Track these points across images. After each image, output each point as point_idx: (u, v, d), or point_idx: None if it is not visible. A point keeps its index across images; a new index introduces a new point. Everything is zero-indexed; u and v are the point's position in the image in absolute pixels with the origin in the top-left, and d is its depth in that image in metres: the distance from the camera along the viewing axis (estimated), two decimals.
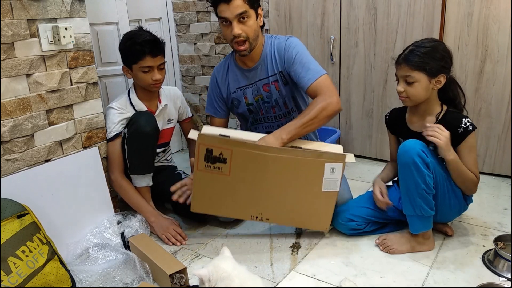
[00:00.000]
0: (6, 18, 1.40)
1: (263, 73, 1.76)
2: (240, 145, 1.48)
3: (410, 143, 1.47)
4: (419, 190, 1.46)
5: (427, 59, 1.45)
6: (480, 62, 2.07)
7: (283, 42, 1.72)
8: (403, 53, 1.51)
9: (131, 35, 1.77)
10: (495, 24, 1.99)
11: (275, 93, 1.76)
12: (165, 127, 1.93)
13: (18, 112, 1.48)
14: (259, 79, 1.77)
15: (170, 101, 1.94)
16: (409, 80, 1.48)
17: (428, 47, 1.47)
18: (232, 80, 1.81)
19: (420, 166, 1.43)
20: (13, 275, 1.24)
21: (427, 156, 1.45)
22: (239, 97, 1.81)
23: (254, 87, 1.78)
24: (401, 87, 1.51)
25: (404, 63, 1.48)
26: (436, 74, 1.47)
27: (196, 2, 2.55)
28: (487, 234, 1.67)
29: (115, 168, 1.77)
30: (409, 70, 1.47)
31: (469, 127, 1.48)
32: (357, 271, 1.48)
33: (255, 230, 1.80)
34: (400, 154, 1.49)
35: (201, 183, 1.55)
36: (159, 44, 1.76)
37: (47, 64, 1.54)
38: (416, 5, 2.15)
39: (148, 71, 1.75)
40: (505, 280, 1.39)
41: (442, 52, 1.47)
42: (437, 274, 1.45)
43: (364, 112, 2.48)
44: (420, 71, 1.46)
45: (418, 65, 1.45)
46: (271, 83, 1.75)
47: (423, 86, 1.48)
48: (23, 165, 1.51)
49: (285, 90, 1.75)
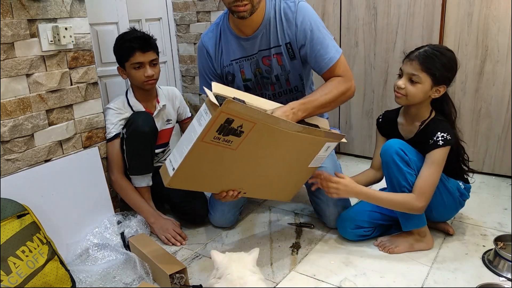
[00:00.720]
0: (6, 18, 1.40)
1: (264, 43, 1.53)
2: (265, 118, 1.23)
3: (390, 142, 1.50)
4: (401, 188, 1.48)
5: (439, 66, 1.43)
6: (480, 62, 2.07)
7: (293, 7, 1.49)
8: (418, 51, 1.48)
9: (122, 35, 1.79)
10: (495, 24, 1.99)
11: (277, 68, 1.56)
12: (164, 127, 1.93)
13: (18, 112, 1.48)
14: (257, 51, 1.55)
15: (168, 101, 1.94)
16: (414, 79, 1.46)
17: (444, 55, 1.45)
18: (226, 50, 1.58)
19: (399, 164, 1.46)
20: (13, 275, 1.24)
21: (406, 154, 1.47)
22: (235, 71, 1.60)
23: (253, 59, 1.57)
24: (403, 83, 1.48)
25: (416, 61, 1.45)
26: (440, 83, 1.46)
27: (196, 2, 2.54)
28: (487, 234, 1.67)
29: (114, 168, 1.77)
30: (418, 69, 1.44)
31: (439, 141, 1.45)
32: (357, 271, 1.48)
33: (255, 231, 1.80)
34: (381, 153, 1.52)
35: (197, 156, 1.24)
36: (148, 39, 1.76)
37: (47, 64, 1.54)
38: (416, 5, 2.15)
39: (140, 67, 1.74)
40: (505, 280, 1.39)
41: (454, 64, 1.46)
42: (437, 274, 1.45)
43: (364, 112, 2.48)
44: (428, 74, 1.44)
45: (429, 67, 1.43)
46: (272, 56, 1.54)
47: (424, 90, 1.46)
48: (23, 165, 1.51)
49: (290, 66, 1.56)
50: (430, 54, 1.44)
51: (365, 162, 2.51)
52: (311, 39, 1.47)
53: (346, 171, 2.35)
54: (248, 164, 1.36)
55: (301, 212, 1.93)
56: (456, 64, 1.47)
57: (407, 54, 1.51)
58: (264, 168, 1.41)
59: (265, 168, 1.41)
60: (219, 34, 1.60)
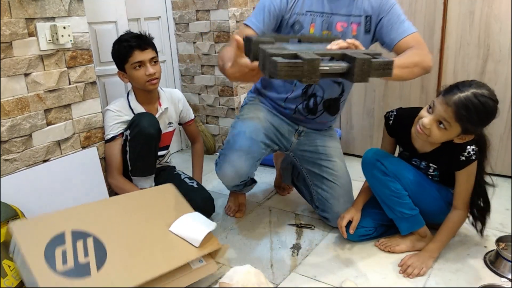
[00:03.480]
0: (4, 17, 1.39)
1: (345, 8, 1.52)
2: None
3: (365, 155, 1.54)
4: (388, 196, 1.50)
5: (476, 120, 1.30)
6: (481, 61, 2.06)
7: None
8: (459, 94, 1.29)
9: (118, 38, 1.77)
10: (497, 24, 1.98)
11: (349, 37, 1.50)
12: (166, 130, 1.91)
13: (16, 111, 1.46)
14: (337, 13, 1.53)
15: (171, 104, 1.92)
16: (444, 125, 1.33)
17: (485, 107, 1.29)
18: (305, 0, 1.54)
19: (378, 174, 1.49)
20: (8, 278, 1.23)
21: (382, 163, 1.49)
22: (305, 22, 1.54)
23: (327, 19, 1.54)
24: (430, 123, 1.34)
25: (452, 108, 1.29)
26: (469, 133, 1.36)
27: (195, 1, 2.53)
28: (488, 234, 1.66)
29: (113, 170, 1.76)
30: (451, 117, 1.30)
31: (472, 156, 1.41)
32: (357, 272, 1.47)
33: (255, 231, 1.79)
34: (361, 166, 1.55)
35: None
36: (146, 38, 1.74)
37: (45, 64, 1.53)
38: (418, 4, 2.14)
39: (140, 66, 1.72)
40: (507, 281, 1.38)
41: (491, 116, 1.32)
42: (438, 274, 1.44)
43: (365, 112, 2.46)
44: (460, 125, 1.31)
45: (463, 119, 1.29)
46: (350, 24, 1.53)
47: (449, 136, 1.37)
48: (21, 165, 1.50)
49: (361, 39, 1.52)
50: (470, 105, 1.27)
51: None
52: (392, 12, 1.50)
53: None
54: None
55: (302, 212, 1.92)
56: (493, 116, 1.32)
57: (446, 89, 1.35)
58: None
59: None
60: None
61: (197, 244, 1.35)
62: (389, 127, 1.60)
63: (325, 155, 1.75)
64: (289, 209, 1.97)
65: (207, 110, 2.73)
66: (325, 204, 1.73)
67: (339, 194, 1.70)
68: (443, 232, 1.49)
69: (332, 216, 1.72)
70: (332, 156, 1.75)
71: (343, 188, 1.72)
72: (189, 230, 1.38)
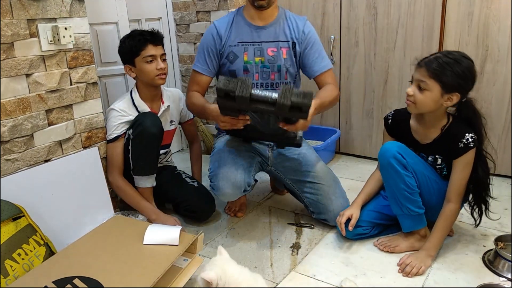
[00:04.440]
0: (6, 18, 1.40)
1: (272, 36, 1.72)
2: None
3: (387, 145, 1.50)
4: (400, 191, 1.48)
5: (448, 72, 1.37)
6: (480, 62, 2.06)
7: (303, 20, 1.75)
8: (428, 57, 1.43)
9: (129, 33, 1.81)
10: (496, 24, 1.98)
11: (281, 60, 1.73)
12: (167, 128, 1.92)
13: (17, 112, 1.47)
14: (266, 41, 1.72)
15: (172, 102, 1.94)
16: (422, 86, 1.41)
17: (454, 60, 1.38)
18: (235, 32, 1.74)
19: (397, 167, 1.46)
20: (10, 278, 1.24)
21: (404, 157, 1.46)
22: (238, 52, 1.73)
23: (258, 47, 1.73)
24: (412, 90, 1.44)
25: (424, 67, 1.41)
26: (451, 91, 1.40)
27: (196, 2, 2.54)
28: (487, 234, 1.67)
29: (114, 170, 1.77)
30: (425, 75, 1.40)
31: (470, 143, 1.43)
32: (357, 271, 1.48)
33: (255, 231, 1.80)
34: (378, 156, 1.52)
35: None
36: (158, 34, 1.79)
37: (47, 64, 1.54)
38: (417, 5, 2.15)
39: (152, 60, 1.75)
40: (506, 280, 1.39)
41: (467, 71, 1.39)
42: (437, 274, 1.44)
43: (364, 112, 2.47)
44: (436, 81, 1.39)
45: (435, 73, 1.38)
46: (279, 48, 1.72)
47: (433, 98, 1.41)
48: (23, 165, 1.51)
49: (291, 62, 1.74)
50: (440, 60, 1.39)
51: (365, 162, 2.51)
52: (314, 47, 1.74)
53: (346, 171, 2.35)
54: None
55: (301, 212, 1.93)
56: (471, 71, 1.40)
57: (418, 61, 1.46)
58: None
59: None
60: (231, 20, 1.76)
61: (176, 242, 1.37)
62: (388, 127, 1.64)
63: (303, 161, 1.78)
64: (288, 209, 1.98)
65: None
66: (318, 206, 1.75)
67: (328, 192, 1.72)
68: (437, 229, 1.50)
69: (329, 216, 1.73)
70: (309, 160, 1.78)
71: (330, 186, 1.74)
72: (162, 235, 1.40)
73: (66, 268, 1.27)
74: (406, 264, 1.47)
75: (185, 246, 1.38)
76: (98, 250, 1.38)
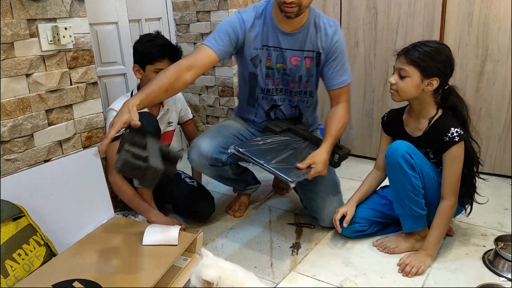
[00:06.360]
0: (6, 18, 1.40)
1: (298, 44, 1.65)
2: None
3: (396, 144, 1.50)
4: (405, 191, 1.48)
5: (425, 57, 1.43)
6: (480, 62, 2.07)
7: (333, 26, 1.65)
8: (406, 47, 1.49)
9: (151, 37, 1.78)
10: (496, 24, 1.99)
11: (303, 70, 1.68)
12: (166, 130, 1.92)
13: (17, 112, 1.47)
14: (290, 48, 1.66)
15: (172, 105, 1.94)
16: (402, 74, 1.46)
17: (431, 47, 1.44)
18: (261, 33, 1.64)
19: (405, 167, 1.45)
20: (10, 278, 1.24)
21: (412, 157, 1.46)
22: (262, 56, 1.67)
23: (281, 53, 1.66)
24: (393, 79, 1.49)
25: (402, 56, 1.47)
26: (430, 76, 1.44)
27: (196, 2, 2.54)
28: (487, 234, 1.67)
29: (113, 170, 1.77)
30: (405, 63, 1.45)
31: (455, 137, 1.44)
32: (357, 271, 1.48)
33: (255, 230, 1.80)
34: (386, 155, 1.51)
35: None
36: (177, 50, 1.78)
37: (47, 64, 1.54)
38: (417, 5, 2.15)
39: None
40: (506, 280, 1.39)
41: (444, 56, 1.45)
42: (437, 274, 1.44)
43: (364, 112, 2.47)
44: (414, 67, 1.44)
45: (414, 60, 1.43)
46: (303, 58, 1.67)
47: (414, 83, 1.45)
48: (23, 165, 1.51)
49: (314, 71, 1.70)
50: (416, 47, 1.45)
51: (365, 162, 2.51)
52: (339, 58, 1.66)
53: (346, 171, 2.35)
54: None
55: (301, 212, 1.93)
56: (447, 56, 1.45)
57: (397, 51, 1.52)
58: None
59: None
60: (262, 17, 1.64)
61: (175, 241, 1.37)
62: (384, 125, 1.68)
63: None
64: (288, 209, 1.98)
65: (207, 111, 2.74)
66: (314, 206, 1.74)
67: (325, 192, 1.71)
68: (434, 227, 1.50)
69: (321, 217, 1.73)
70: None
71: (327, 185, 1.73)
72: (161, 235, 1.40)
73: (65, 271, 1.27)
74: (406, 264, 1.47)
75: (185, 245, 1.38)
76: (97, 252, 1.38)
